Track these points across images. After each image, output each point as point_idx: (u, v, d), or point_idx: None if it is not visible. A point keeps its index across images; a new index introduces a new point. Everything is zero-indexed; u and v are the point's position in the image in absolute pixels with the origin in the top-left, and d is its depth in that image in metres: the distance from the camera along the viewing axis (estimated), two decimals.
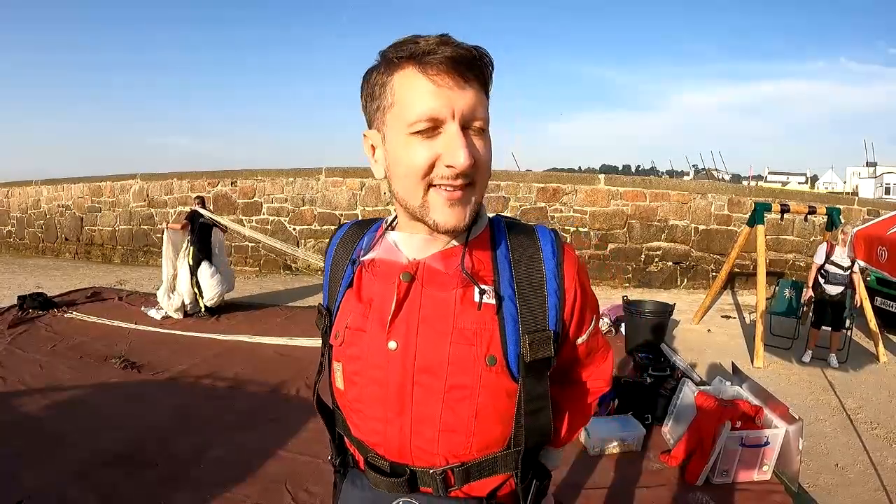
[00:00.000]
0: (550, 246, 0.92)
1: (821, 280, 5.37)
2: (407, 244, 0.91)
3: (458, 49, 0.78)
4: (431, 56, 0.77)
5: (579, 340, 0.98)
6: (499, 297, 0.87)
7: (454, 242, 0.90)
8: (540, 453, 0.99)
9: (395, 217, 0.96)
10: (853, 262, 5.11)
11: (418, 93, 0.79)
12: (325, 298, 1.05)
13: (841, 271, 5.25)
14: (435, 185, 0.82)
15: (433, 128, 0.79)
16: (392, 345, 0.87)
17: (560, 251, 0.92)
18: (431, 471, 0.89)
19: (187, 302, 6.59)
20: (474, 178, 0.82)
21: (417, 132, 0.79)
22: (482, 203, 0.93)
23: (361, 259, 0.95)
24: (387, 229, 0.96)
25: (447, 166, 0.79)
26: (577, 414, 1.07)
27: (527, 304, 0.88)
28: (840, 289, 5.29)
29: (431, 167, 0.80)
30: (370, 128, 0.89)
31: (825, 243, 5.38)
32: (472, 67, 0.79)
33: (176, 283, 6.58)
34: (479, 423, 0.88)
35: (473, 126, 0.81)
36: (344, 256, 1.00)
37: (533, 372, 0.87)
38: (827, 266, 5.31)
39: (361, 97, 0.88)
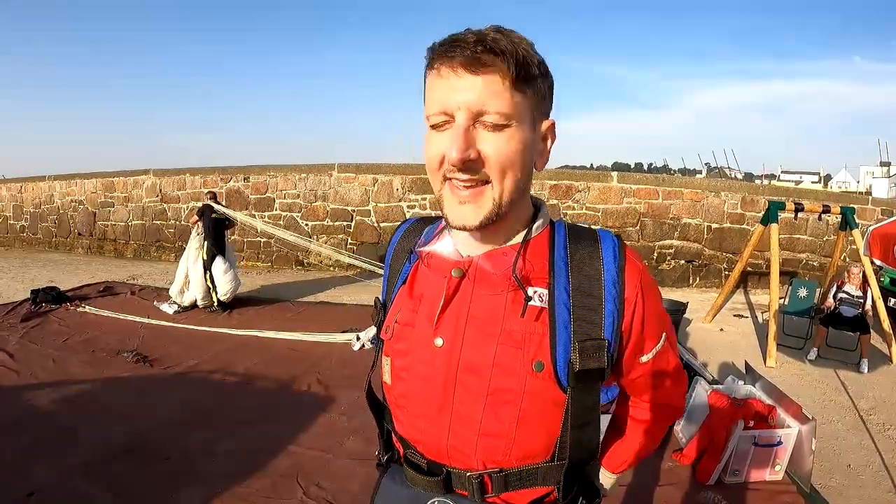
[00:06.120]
0: (612, 251, 0.86)
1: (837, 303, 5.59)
2: (463, 239, 0.89)
3: (471, 41, 0.76)
4: (446, 50, 0.77)
5: (643, 358, 0.91)
6: (552, 302, 0.84)
7: (510, 242, 0.88)
8: (593, 472, 0.96)
9: None
10: (864, 294, 5.46)
11: (431, 87, 0.80)
12: (383, 293, 1.03)
13: (853, 301, 5.47)
14: (448, 179, 0.81)
15: (447, 122, 0.79)
16: (438, 341, 0.86)
17: (622, 257, 0.86)
18: (468, 474, 0.87)
19: (200, 297, 6.63)
20: (488, 176, 0.79)
21: (433, 126, 0.81)
22: (543, 203, 0.91)
23: (418, 250, 0.95)
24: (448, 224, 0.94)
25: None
26: (637, 440, 1.03)
27: (581, 310, 0.83)
28: (855, 311, 5.42)
29: (442, 161, 0.80)
30: None
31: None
32: (481, 60, 0.76)
33: (190, 279, 6.63)
34: (521, 429, 0.85)
35: (485, 120, 0.77)
36: (404, 250, 0.99)
37: (582, 382, 0.83)
38: (840, 294, 5.54)
39: None
